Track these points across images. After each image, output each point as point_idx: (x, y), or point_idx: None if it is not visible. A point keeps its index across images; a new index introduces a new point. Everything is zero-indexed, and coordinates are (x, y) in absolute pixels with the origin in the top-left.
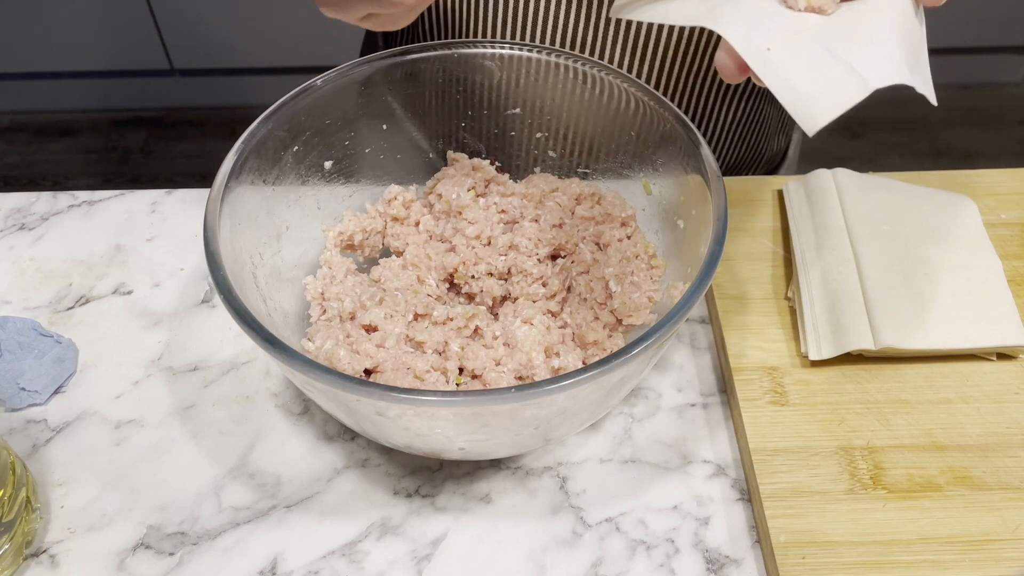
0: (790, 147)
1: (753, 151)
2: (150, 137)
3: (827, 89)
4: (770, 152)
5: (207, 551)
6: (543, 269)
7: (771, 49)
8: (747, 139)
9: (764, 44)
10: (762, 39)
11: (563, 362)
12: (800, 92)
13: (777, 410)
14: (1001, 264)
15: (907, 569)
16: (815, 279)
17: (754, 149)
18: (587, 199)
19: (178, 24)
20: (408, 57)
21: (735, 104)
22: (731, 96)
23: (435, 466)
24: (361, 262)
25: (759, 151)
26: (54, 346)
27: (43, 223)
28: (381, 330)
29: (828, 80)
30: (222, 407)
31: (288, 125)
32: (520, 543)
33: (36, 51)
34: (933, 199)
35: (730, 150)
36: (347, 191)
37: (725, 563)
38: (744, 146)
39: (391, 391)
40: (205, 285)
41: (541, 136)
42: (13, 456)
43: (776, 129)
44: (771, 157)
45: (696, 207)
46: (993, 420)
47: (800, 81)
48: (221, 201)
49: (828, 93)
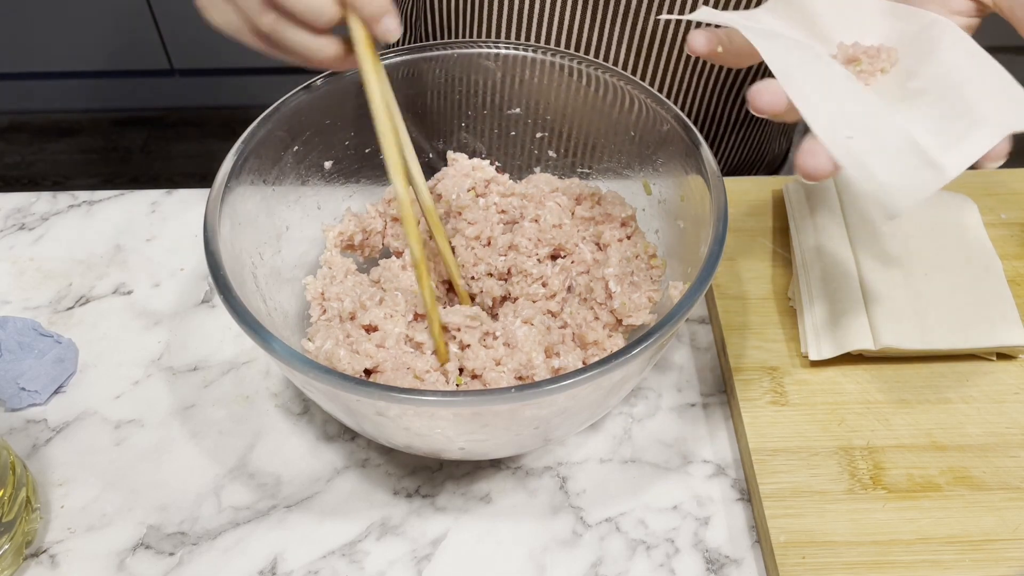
0: (791, 149)
1: (755, 153)
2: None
3: (907, 180)
4: (771, 154)
5: (207, 551)
6: (543, 269)
7: (853, 138)
8: (749, 140)
9: (846, 132)
10: (844, 127)
11: (563, 362)
12: (881, 182)
13: (777, 410)
14: (1001, 264)
15: (907, 569)
16: (815, 279)
17: (756, 151)
18: (587, 199)
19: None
20: (408, 57)
21: (738, 105)
22: (733, 97)
23: (435, 466)
24: (361, 262)
25: (761, 152)
26: (54, 346)
27: (43, 223)
28: (381, 330)
29: (909, 170)
30: (222, 407)
31: (288, 125)
32: (520, 543)
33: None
34: (933, 199)
35: (732, 151)
36: (347, 191)
37: (725, 563)
38: (746, 148)
39: (391, 391)
40: (205, 285)
41: (541, 136)
42: (13, 456)
43: (778, 131)
44: (772, 159)
45: (696, 207)
46: (993, 420)
47: (880, 170)
48: (221, 201)
49: (908, 185)
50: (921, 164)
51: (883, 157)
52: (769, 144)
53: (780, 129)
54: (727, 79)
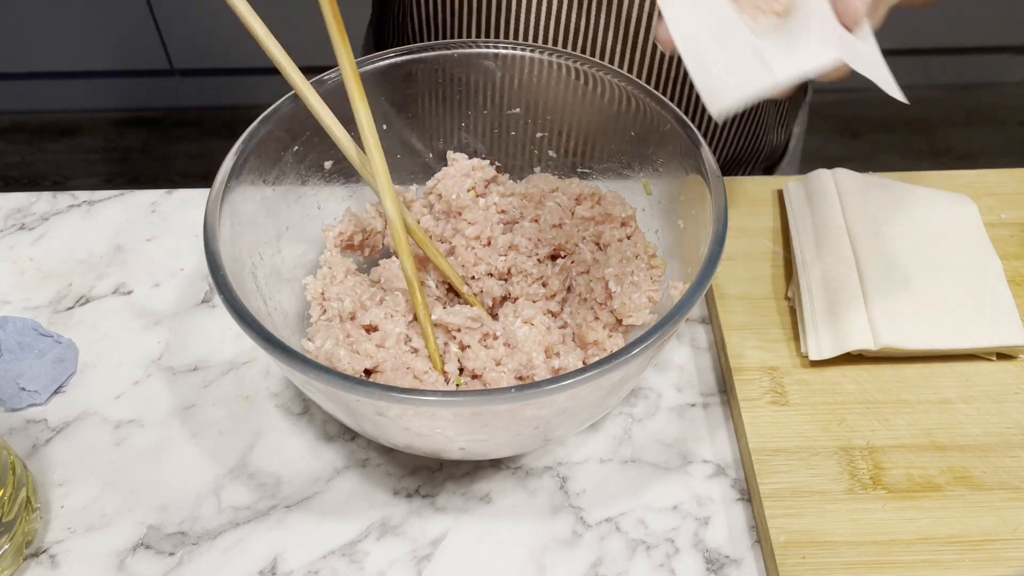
0: (791, 142)
1: (751, 145)
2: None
3: (738, 78)
4: (769, 146)
5: (207, 551)
6: (543, 269)
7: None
8: (745, 132)
9: (694, 28)
10: (693, 24)
11: (563, 362)
12: (712, 76)
13: (777, 410)
14: (1001, 264)
15: (907, 569)
16: (815, 279)
17: (753, 143)
18: (587, 199)
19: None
20: (408, 57)
21: None
22: None
23: (435, 466)
24: (361, 262)
25: (758, 145)
26: (54, 346)
27: (43, 223)
28: (381, 330)
29: (742, 70)
30: (222, 407)
31: (288, 125)
32: (520, 543)
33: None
34: (933, 199)
35: (728, 144)
36: (347, 191)
37: (725, 563)
38: (742, 140)
39: (391, 391)
40: (205, 285)
41: (541, 136)
42: (13, 456)
43: (775, 122)
44: (771, 151)
45: (696, 207)
46: (993, 420)
47: (715, 66)
48: (221, 201)
49: (738, 82)
50: (755, 67)
51: (720, 55)
52: (766, 135)
53: (776, 120)
54: None
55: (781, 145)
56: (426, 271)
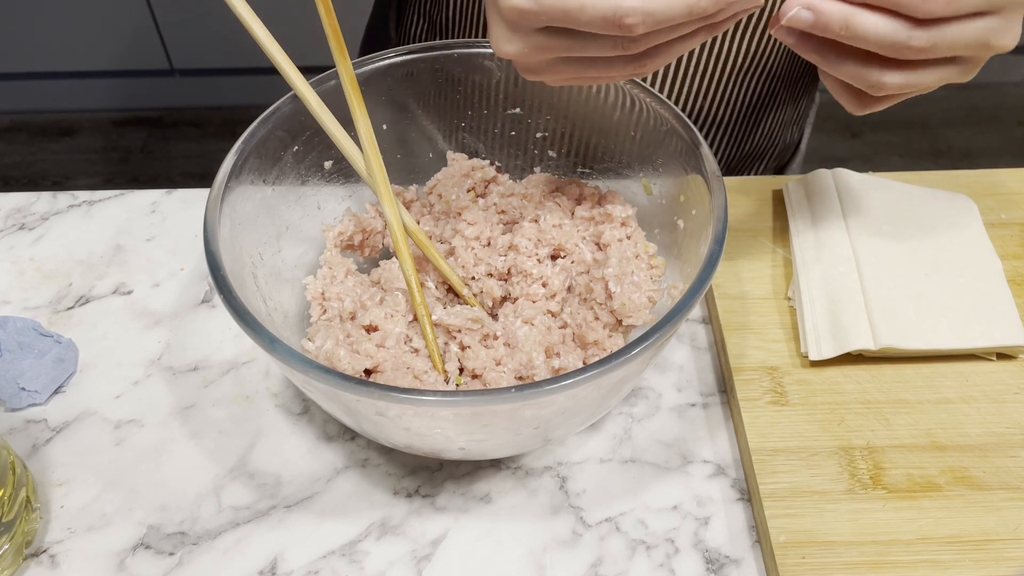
0: (802, 142)
1: (766, 142)
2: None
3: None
4: (783, 143)
5: (207, 551)
6: (543, 269)
7: None
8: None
9: None
10: None
11: (563, 362)
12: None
13: (777, 410)
14: (1001, 264)
15: (907, 569)
16: (815, 279)
17: (768, 139)
18: (587, 199)
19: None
20: (408, 57)
21: (749, 84)
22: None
23: (435, 466)
24: (361, 262)
25: (773, 139)
26: (54, 346)
27: (43, 223)
28: (381, 330)
29: None
30: (222, 407)
31: (288, 125)
32: (520, 543)
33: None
34: (933, 199)
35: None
36: (347, 191)
37: (725, 563)
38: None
39: (391, 391)
40: (205, 285)
41: (541, 136)
42: (13, 456)
43: (792, 119)
44: (783, 149)
45: (696, 207)
46: (993, 420)
47: None
48: (221, 201)
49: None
50: None
51: None
52: (783, 132)
53: (795, 116)
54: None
55: (793, 143)
56: (426, 272)
